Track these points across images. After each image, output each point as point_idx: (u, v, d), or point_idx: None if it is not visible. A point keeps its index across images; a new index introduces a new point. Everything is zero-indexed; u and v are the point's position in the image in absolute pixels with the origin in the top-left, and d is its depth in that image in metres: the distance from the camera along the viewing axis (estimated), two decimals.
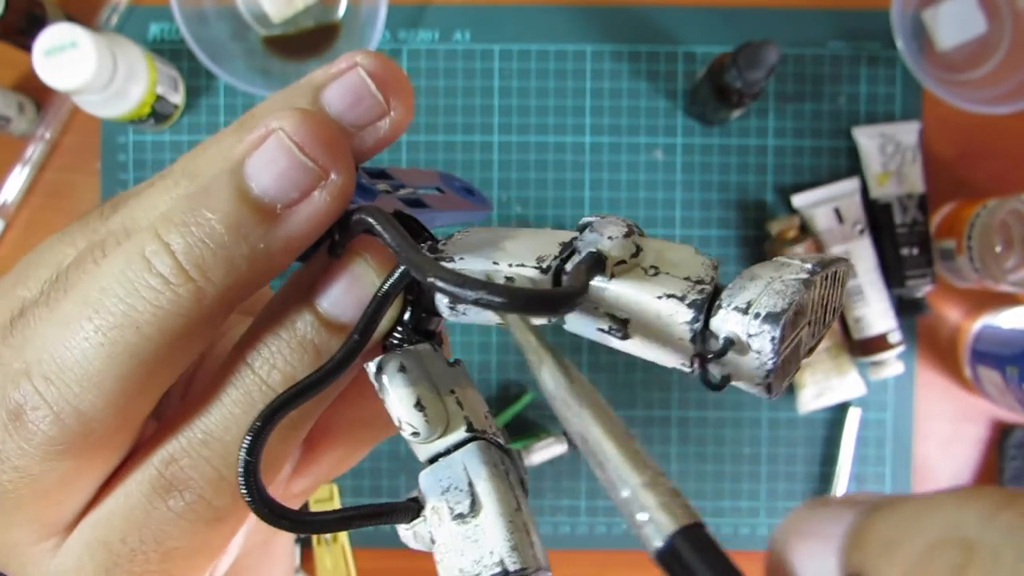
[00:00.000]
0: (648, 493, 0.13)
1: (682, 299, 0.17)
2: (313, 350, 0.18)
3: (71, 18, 0.66)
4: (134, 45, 0.63)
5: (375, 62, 0.19)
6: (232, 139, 0.18)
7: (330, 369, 0.17)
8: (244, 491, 0.16)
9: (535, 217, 0.71)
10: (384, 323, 0.19)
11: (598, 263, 0.18)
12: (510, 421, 0.71)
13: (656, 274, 0.18)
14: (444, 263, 0.19)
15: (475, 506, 0.18)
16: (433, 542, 0.18)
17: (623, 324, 0.18)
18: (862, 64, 0.71)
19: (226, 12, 0.69)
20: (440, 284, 0.16)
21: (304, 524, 0.17)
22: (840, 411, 0.72)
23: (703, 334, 0.17)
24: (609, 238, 0.18)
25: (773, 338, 0.16)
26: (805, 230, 0.71)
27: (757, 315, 0.16)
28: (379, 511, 0.18)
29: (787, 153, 0.72)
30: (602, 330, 0.18)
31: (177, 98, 0.68)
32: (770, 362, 0.16)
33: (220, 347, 0.23)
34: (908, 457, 0.72)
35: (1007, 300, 0.72)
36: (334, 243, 0.19)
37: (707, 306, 0.17)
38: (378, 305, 0.18)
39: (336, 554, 0.71)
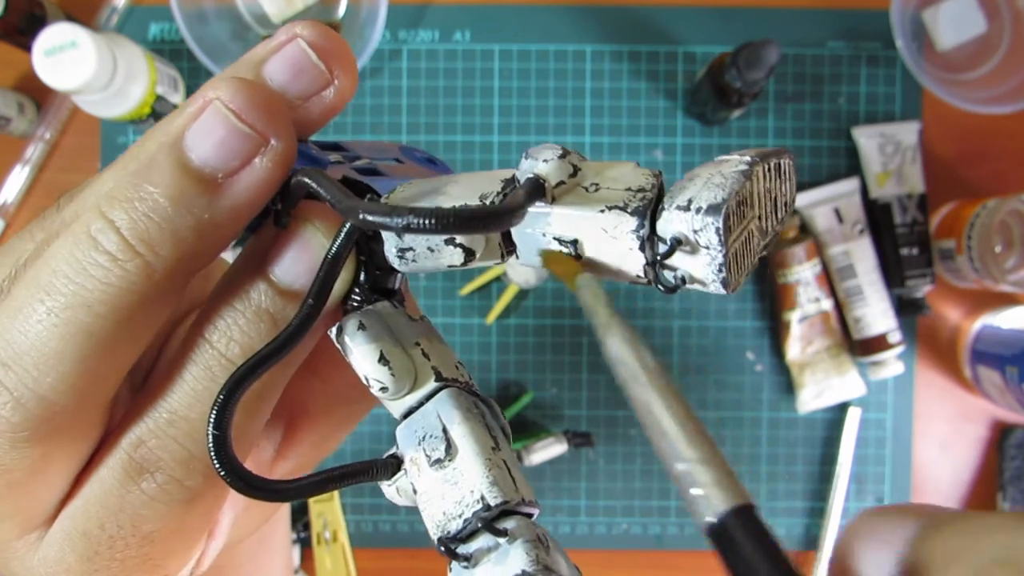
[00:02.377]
0: (704, 469, 0.13)
1: (624, 208, 0.17)
2: (269, 319, 0.18)
3: (71, 18, 0.66)
4: (134, 45, 0.63)
5: (315, 32, 0.18)
6: (174, 117, 0.18)
7: (288, 335, 0.17)
8: (216, 465, 0.16)
9: None
10: (339, 286, 0.19)
11: (537, 187, 0.18)
12: (510, 421, 0.71)
13: (597, 190, 0.18)
14: None
15: (451, 449, 0.18)
16: (415, 493, 0.18)
17: (573, 245, 0.18)
18: (862, 64, 0.71)
19: (226, 12, 0.69)
20: (370, 218, 0.16)
21: (280, 492, 0.17)
22: (840, 411, 0.72)
23: (651, 240, 0.17)
24: (544, 161, 0.18)
25: (718, 229, 0.16)
26: (805, 230, 0.71)
27: (699, 209, 0.16)
28: (358, 470, 0.18)
29: None
30: None
31: (177, 98, 0.68)
32: (719, 255, 0.16)
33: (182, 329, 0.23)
34: (908, 457, 0.72)
35: (1007, 300, 0.72)
36: (278, 212, 0.19)
37: (650, 211, 0.17)
38: (329, 267, 0.18)
39: (336, 554, 0.71)
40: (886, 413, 0.72)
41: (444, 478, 0.18)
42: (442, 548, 0.17)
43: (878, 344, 0.69)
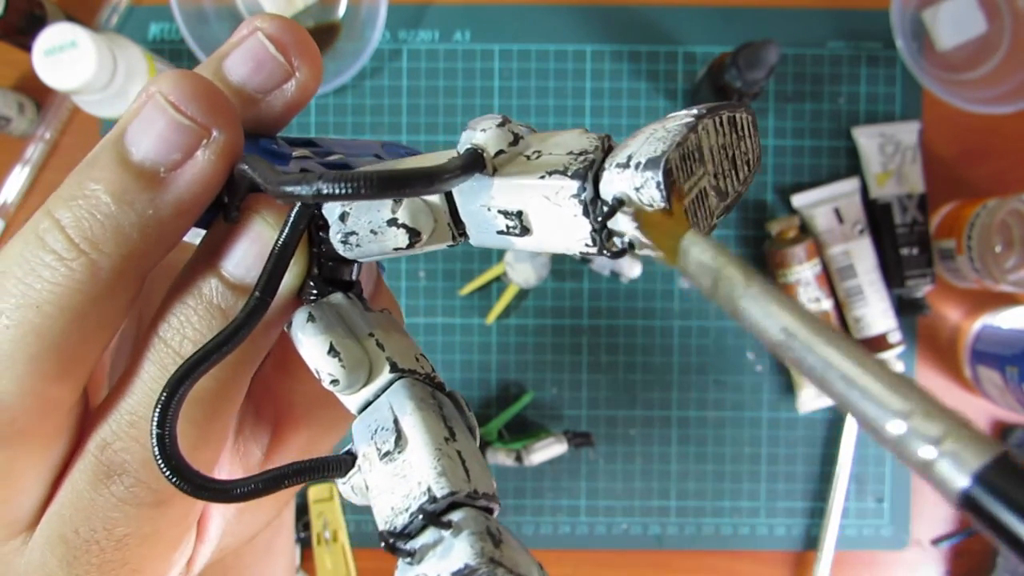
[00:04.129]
0: (931, 423, 0.11)
1: (564, 172, 0.16)
2: (221, 315, 0.18)
3: (71, 18, 0.66)
4: (134, 45, 0.63)
5: (275, 25, 0.18)
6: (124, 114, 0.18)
7: (234, 329, 0.17)
8: (161, 465, 0.16)
9: None
10: (292, 279, 0.18)
11: (475, 157, 0.17)
12: (510, 421, 0.71)
13: (539, 157, 0.17)
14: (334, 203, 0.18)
15: (400, 441, 0.17)
16: (367, 489, 0.18)
17: (518, 217, 0.17)
18: (862, 64, 0.71)
19: (226, 12, 0.69)
20: (287, 189, 0.15)
21: (227, 492, 0.16)
22: (840, 411, 0.72)
23: (595, 203, 0.16)
24: (482, 131, 0.17)
25: (659, 183, 0.15)
26: (805, 230, 0.71)
27: (638, 165, 0.15)
28: (311, 467, 0.18)
29: (787, 153, 0.72)
30: (502, 232, 0.17)
31: None
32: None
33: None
34: None
35: (1007, 300, 0.72)
36: (227, 207, 0.18)
37: (592, 173, 0.16)
38: (277, 258, 0.17)
39: (336, 554, 0.71)
40: None
41: (394, 471, 0.17)
42: (383, 544, 0.16)
43: (878, 344, 0.69)
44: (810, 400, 0.70)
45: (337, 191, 0.14)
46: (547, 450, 0.69)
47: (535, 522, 0.72)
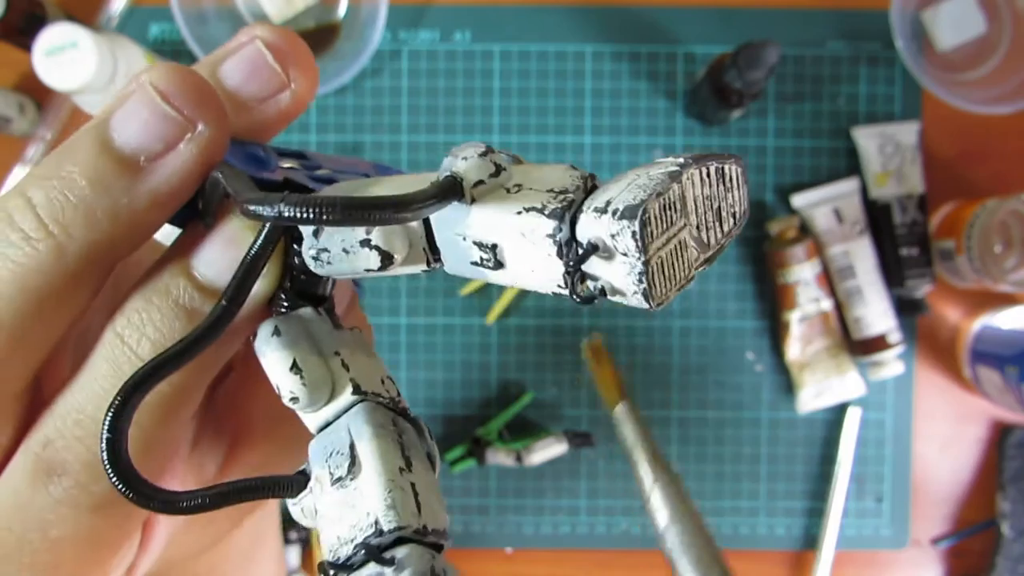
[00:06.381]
0: None
1: (542, 210, 0.16)
2: (186, 316, 0.17)
3: (71, 18, 0.66)
4: (134, 45, 0.63)
5: (274, 35, 0.18)
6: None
7: (196, 338, 0.16)
8: (109, 471, 0.15)
9: None
10: (263, 288, 0.18)
11: (451, 185, 0.16)
12: (510, 421, 0.71)
13: (519, 191, 0.16)
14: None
15: (354, 467, 0.16)
16: (316, 513, 0.17)
17: (492, 250, 0.17)
18: (862, 64, 0.71)
19: (226, 12, 0.69)
20: (250, 207, 0.14)
21: (176, 506, 0.16)
22: (840, 411, 0.72)
23: (570, 245, 0.16)
24: (464, 159, 0.16)
25: (635, 233, 0.14)
26: (805, 230, 0.71)
27: (615, 211, 0.15)
28: (261, 485, 0.17)
29: (787, 153, 0.72)
30: (475, 263, 0.17)
31: None
32: (638, 262, 0.15)
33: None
34: (908, 457, 0.72)
35: (1007, 300, 0.72)
36: (202, 211, 0.18)
37: (570, 214, 0.16)
38: (248, 268, 0.17)
39: None
40: (886, 413, 0.72)
41: (344, 499, 0.16)
42: (321, 575, 0.16)
43: (878, 344, 0.69)
44: (810, 400, 0.70)
45: (298, 215, 0.14)
46: (547, 450, 0.69)
47: (535, 522, 0.72)
